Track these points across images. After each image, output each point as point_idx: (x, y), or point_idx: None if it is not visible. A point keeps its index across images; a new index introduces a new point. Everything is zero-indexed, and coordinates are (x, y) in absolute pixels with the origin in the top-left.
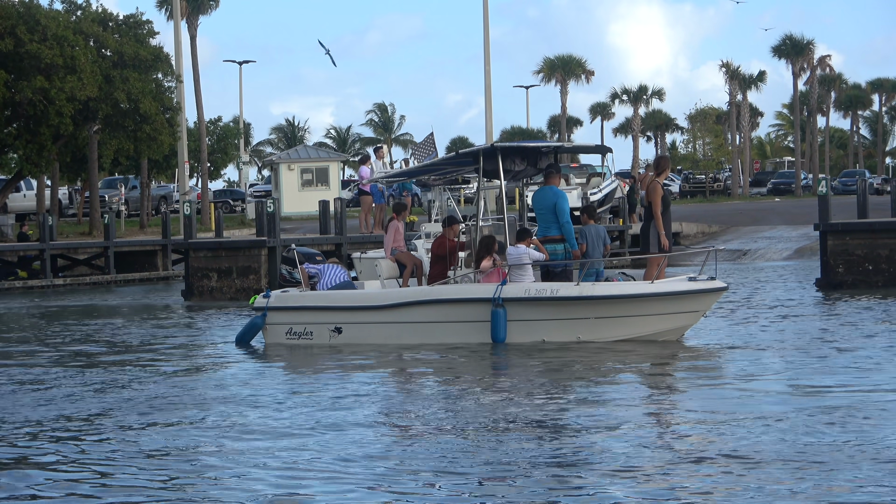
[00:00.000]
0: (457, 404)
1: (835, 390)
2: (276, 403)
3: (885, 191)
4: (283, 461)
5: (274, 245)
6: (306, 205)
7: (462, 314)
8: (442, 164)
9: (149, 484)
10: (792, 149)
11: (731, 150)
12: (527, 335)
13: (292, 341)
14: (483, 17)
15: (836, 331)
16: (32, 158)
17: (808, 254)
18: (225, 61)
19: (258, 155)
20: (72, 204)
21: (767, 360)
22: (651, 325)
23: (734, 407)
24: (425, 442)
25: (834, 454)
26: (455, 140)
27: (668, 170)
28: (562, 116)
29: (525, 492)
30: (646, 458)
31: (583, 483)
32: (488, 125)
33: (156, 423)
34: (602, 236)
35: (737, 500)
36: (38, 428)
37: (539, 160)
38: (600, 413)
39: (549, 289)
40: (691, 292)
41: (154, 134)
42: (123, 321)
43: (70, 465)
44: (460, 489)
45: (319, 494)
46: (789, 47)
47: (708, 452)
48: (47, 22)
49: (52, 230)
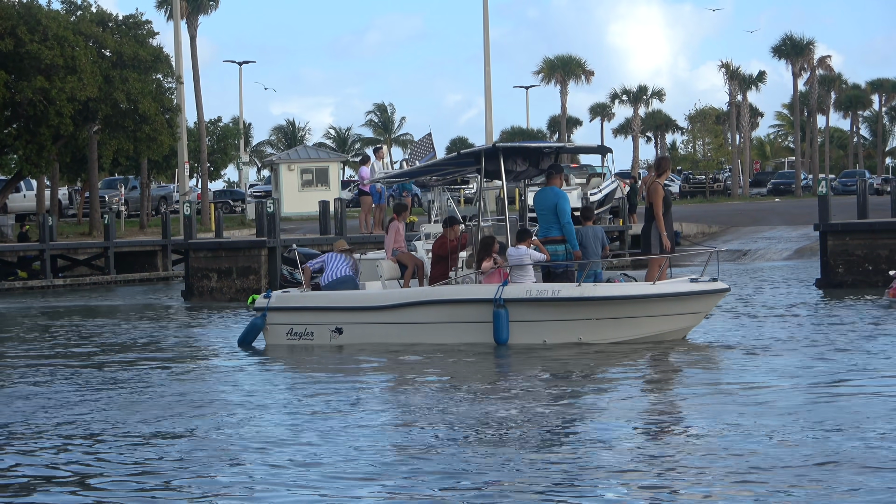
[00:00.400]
0: (457, 408)
1: (840, 392)
2: (273, 406)
3: (885, 191)
4: (278, 465)
5: (274, 245)
6: (306, 205)
7: (463, 315)
8: (443, 164)
9: (146, 488)
10: (792, 149)
11: (731, 150)
12: (528, 336)
13: (293, 342)
14: (483, 17)
15: (837, 331)
16: (32, 159)
17: (808, 254)
18: (225, 61)
19: (258, 155)
20: (72, 204)
21: (770, 363)
22: (653, 326)
23: (738, 411)
24: (425, 447)
25: (840, 458)
26: (455, 140)
27: (669, 170)
28: (562, 117)
29: (528, 496)
30: (649, 464)
31: (585, 488)
32: (488, 125)
33: (156, 425)
34: (600, 237)
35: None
36: (39, 430)
37: (541, 161)
38: (601, 417)
39: (551, 289)
40: (693, 293)
41: (154, 134)
42: (123, 322)
43: (70, 466)
44: (462, 493)
45: (320, 496)
46: (789, 47)
47: (712, 458)
48: (47, 22)
49: (52, 230)
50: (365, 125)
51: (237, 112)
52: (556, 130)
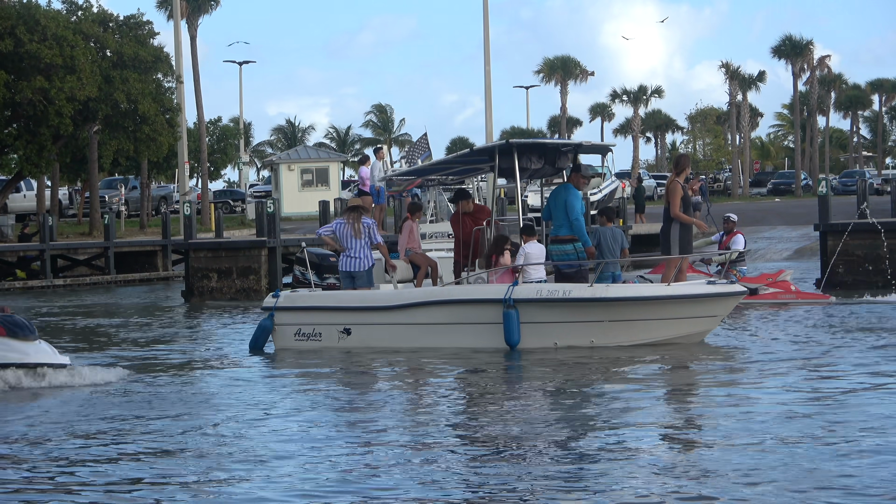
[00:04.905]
0: (466, 416)
1: (847, 395)
2: (275, 409)
3: (885, 191)
4: (280, 473)
5: (274, 245)
6: (306, 205)
7: (473, 316)
8: (456, 161)
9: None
10: (792, 149)
11: (731, 150)
12: (538, 338)
13: (301, 343)
14: (483, 17)
15: (838, 332)
16: (32, 159)
17: (808, 254)
18: (225, 61)
19: (258, 155)
20: (72, 204)
21: (782, 367)
22: (668, 329)
23: (757, 422)
24: (427, 454)
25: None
26: (455, 140)
27: (688, 169)
28: (562, 117)
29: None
30: (667, 477)
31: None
32: (488, 125)
33: (155, 428)
34: (619, 239)
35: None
36: (42, 431)
37: (557, 159)
38: (614, 427)
39: (562, 290)
40: (710, 295)
41: (154, 135)
42: (122, 322)
43: (73, 466)
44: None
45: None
46: (789, 48)
47: (727, 470)
48: (47, 22)
49: (52, 230)
50: (364, 125)
51: (237, 112)
52: (555, 130)
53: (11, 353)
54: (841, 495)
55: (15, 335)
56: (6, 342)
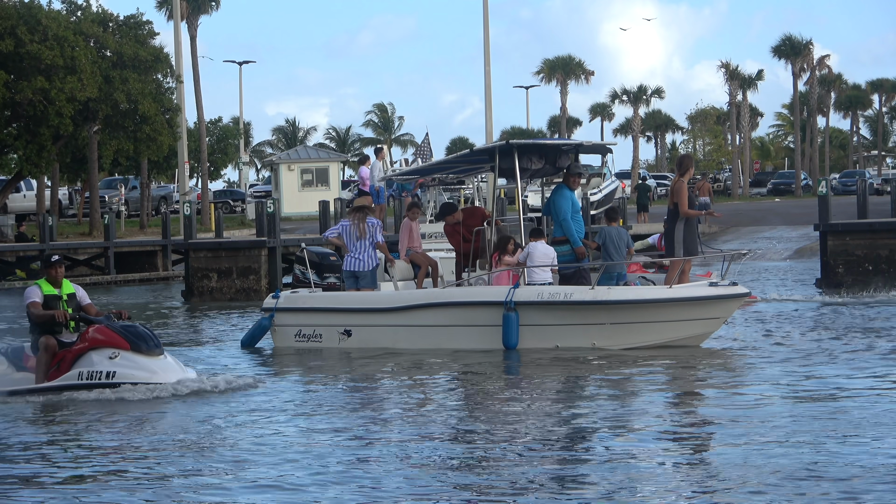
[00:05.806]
0: (466, 417)
1: (848, 395)
2: (277, 412)
3: (885, 191)
4: (280, 474)
5: (274, 245)
6: (306, 205)
7: (473, 318)
8: (456, 161)
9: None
10: (792, 149)
11: (731, 150)
12: (539, 341)
13: (301, 344)
14: (483, 17)
15: (839, 333)
16: (32, 159)
17: (808, 254)
18: (225, 61)
19: (258, 155)
20: (72, 204)
21: (784, 369)
22: (670, 331)
23: (760, 423)
24: (428, 454)
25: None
26: (455, 140)
27: (693, 169)
28: (562, 117)
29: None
30: (670, 483)
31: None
32: (488, 125)
33: (155, 431)
34: (625, 239)
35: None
36: (42, 435)
37: (558, 159)
38: (614, 428)
39: (563, 292)
40: (712, 298)
41: (154, 135)
42: None
43: (72, 467)
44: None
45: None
46: (788, 48)
47: (727, 471)
48: (47, 22)
49: (51, 230)
50: (365, 125)
51: (237, 112)
52: (555, 130)
53: (137, 372)
54: (841, 496)
55: (139, 349)
56: (131, 358)
